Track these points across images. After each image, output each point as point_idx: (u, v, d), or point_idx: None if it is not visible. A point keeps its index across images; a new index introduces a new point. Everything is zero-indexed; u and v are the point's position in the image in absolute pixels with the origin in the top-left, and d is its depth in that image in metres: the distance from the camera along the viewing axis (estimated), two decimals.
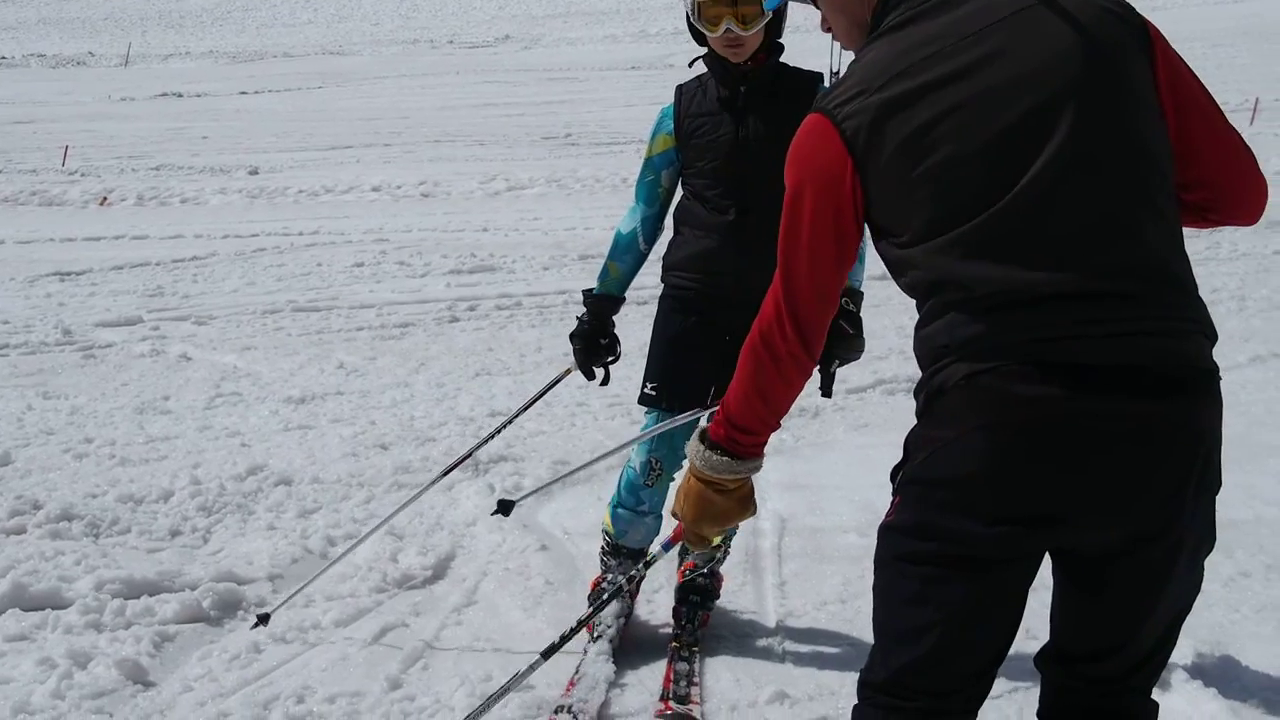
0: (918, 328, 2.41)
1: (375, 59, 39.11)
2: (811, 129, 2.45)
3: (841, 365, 4.14)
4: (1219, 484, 2.34)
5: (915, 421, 2.42)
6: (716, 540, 3.24)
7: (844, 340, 4.07)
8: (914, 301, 2.47)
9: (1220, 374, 2.32)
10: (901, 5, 2.44)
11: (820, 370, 4.14)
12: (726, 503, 2.85)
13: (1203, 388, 2.28)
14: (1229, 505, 4.88)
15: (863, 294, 4.19)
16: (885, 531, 2.44)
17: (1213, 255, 10.33)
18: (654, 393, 4.19)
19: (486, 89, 28.15)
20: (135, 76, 33.84)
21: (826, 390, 4.18)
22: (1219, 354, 2.35)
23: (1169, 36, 2.44)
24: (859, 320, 4.11)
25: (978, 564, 2.31)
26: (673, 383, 4.17)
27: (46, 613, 4.24)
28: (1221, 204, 2.47)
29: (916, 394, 2.42)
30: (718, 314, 4.07)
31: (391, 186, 15.06)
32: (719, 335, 4.05)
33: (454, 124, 21.70)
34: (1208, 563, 2.44)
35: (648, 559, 3.25)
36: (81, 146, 18.34)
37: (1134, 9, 2.41)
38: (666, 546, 3.13)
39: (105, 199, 14.39)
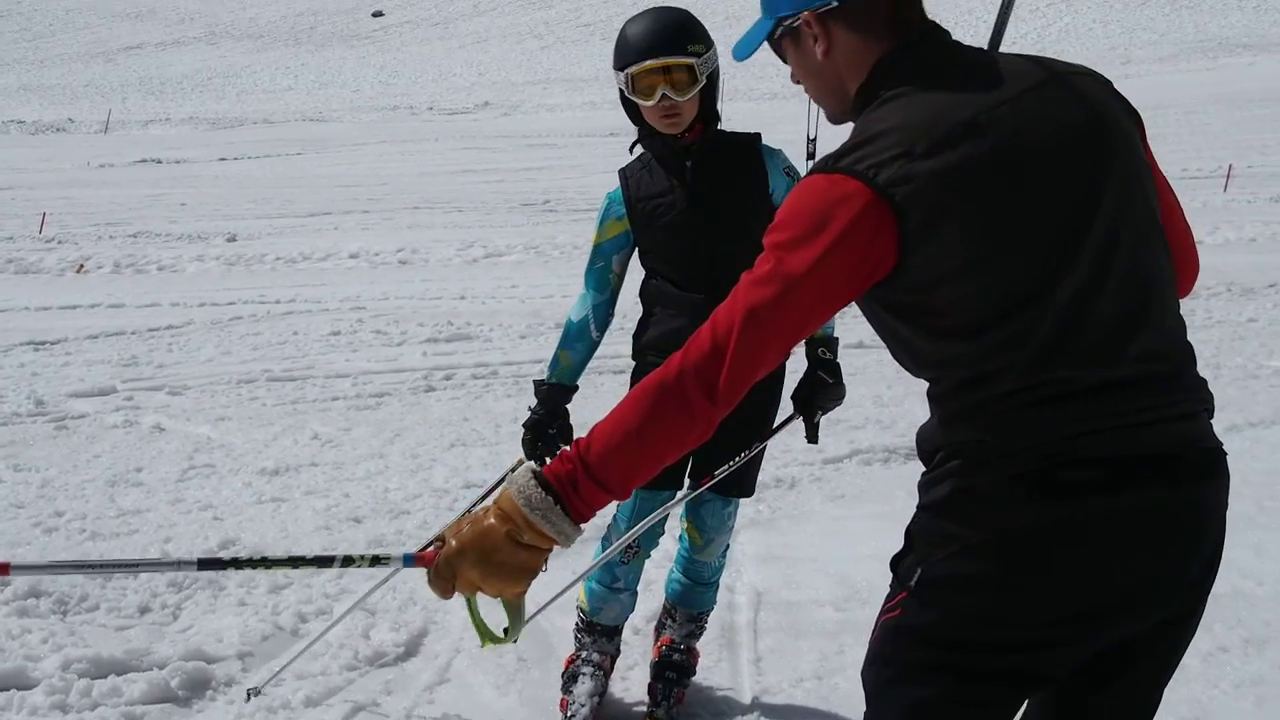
0: (940, 419, 2.31)
1: (355, 125, 39.27)
2: (835, 188, 2.22)
3: (824, 414, 4.13)
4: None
5: (924, 510, 2.32)
6: (484, 618, 2.48)
7: (825, 389, 4.07)
8: (897, 373, 2.43)
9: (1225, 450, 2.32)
10: (903, 73, 2.35)
11: (805, 421, 4.13)
12: (509, 556, 2.30)
13: (1218, 467, 2.29)
14: None
15: (837, 340, 4.19)
16: (893, 633, 2.32)
17: (1188, 323, 10.34)
18: None
19: (465, 155, 28.25)
20: (115, 143, 33.90)
21: (813, 437, 4.16)
22: None
23: (1143, 105, 2.47)
24: (838, 368, 4.10)
25: (1011, 678, 2.25)
26: None
27: (12, 693, 4.18)
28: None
29: (933, 482, 2.30)
30: None
31: (369, 253, 15.06)
32: None
33: (433, 190, 21.76)
34: None
35: (381, 556, 2.59)
36: (59, 213, 18.33)
37: (1120, 92, 2.42)
38: (408, 560, 2.47)
39: (82, 266, 14.36)
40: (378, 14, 77.84)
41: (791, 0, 2.46)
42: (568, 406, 4.28)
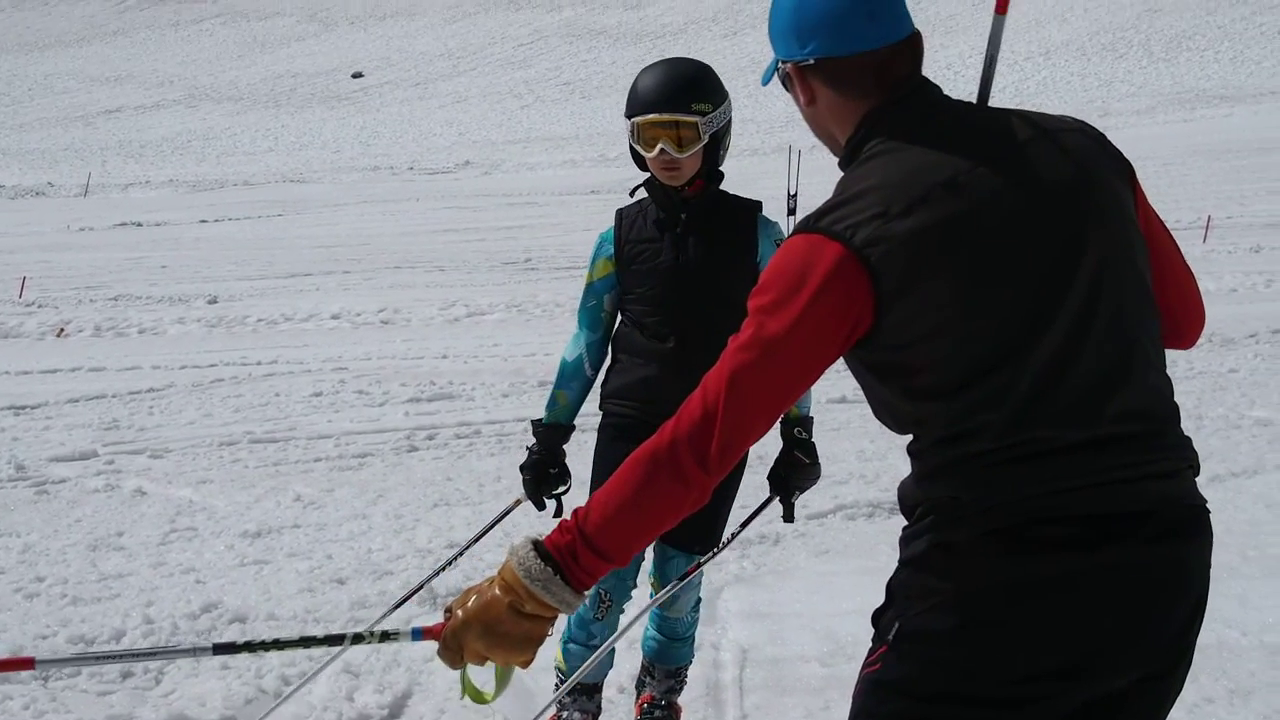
0: (918, 475, 2.32)
1: (335, 186, 39.36)
2: (813, 249, 2.25)
3: (801, 494, 4.15)
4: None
5: (904, 565, 2.34)
6: (471, 676, 2.49)
7: (801, 470, 4.10)
8: (880, 427, 2.43)
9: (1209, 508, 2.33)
10: (885, 131, 2.37)
11: (781, 500, 4.16)
12: (513, 627, 2.34)
13: (1202, 525, 2.30)
14: None
15: (812, 419, 4.22)
16: (874, 687, 2.33)
17: (1169, 374, 10.41)
18: None
19: (446, 215, 28.32)
20: (95, 206, 33.93)
21: (789, 517, 4.19)
22: None
23: None
24: (813, 447, 4.13)
25: None
26: None
27: None
28: (1170, 332, 2.49)
29: (912, 538, 2.32)
30: None
31: (351, 314, 15.07)
32: None
33: (414, 250, 21.80)
34: None
35: (390, 632, 2.59)
36: (39, 277, 18.31)
37: (1111, 143, 2.43)
38: (416, 634, 2.49)
39: (62, 330, 14.34)
40: (357, 75, 78.20)
41: (780, 46, 2.49)
42: (564, 446, 4.31)
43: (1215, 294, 14.94)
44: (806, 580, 6.00)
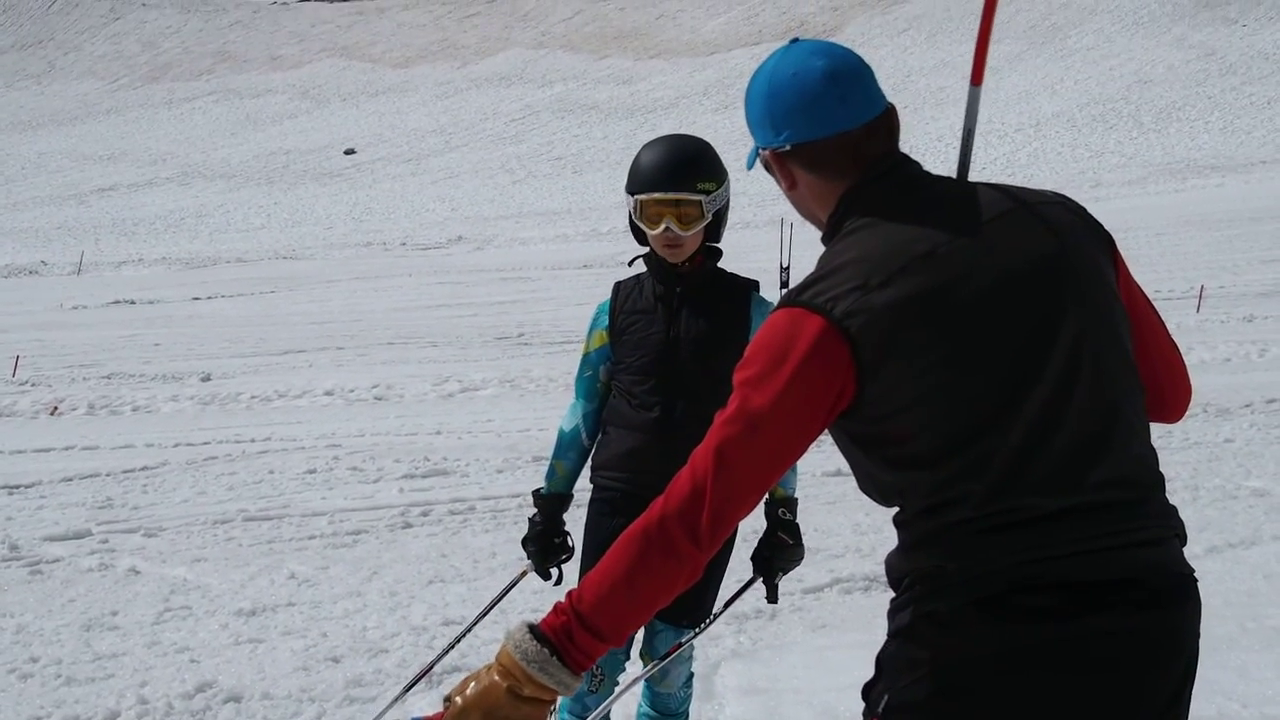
0: (904, 546, 2.34)
1: (328, 262, 39.48)
2: (795, 323, 2.28)
3: (784, 575, 4.17)
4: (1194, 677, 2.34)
5: (892, 637, 2.34)
6: None
7: (785, 551, 4.12)
8: (871, 502, 2.45)
9: (1196, 577, 2.33)
10: (864, 207, 2.39)
11: (764, 582, 4.18)
12: (512, 711, 2.36)
13: (1189, 593, 2.30)
14: (1194, 701, 4.84)
15: (796, 500, 4.24)
16: None
17: (1164, 445, 10.42)
18: None
19: (439, 290, 28.41)
20: (88, 284, 33.99)
21: (773, 598, 4.20)
22: None
23: (1113, 227, 2.50)
24: (797, 528, 4.15)
25: None
26: None
27: None
28: (1156, 405, 2.50)
29: (898, 609, 2.33)
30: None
31: (344, 390, 15.07)
32: None
33: (407, 326, 21.85)
34: None
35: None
36: (33, 356, 18.30)
37: (1089, 212, 2.46)
38: None
39: (56, 409, 14.33)
40: (350, 151, 78.68)
41: (757, 134, 2.53)
42: (564, 515, 4.33)
43: (1210, 364, 15.00)
44: (803, 655, 5.98)
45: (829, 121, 2.41)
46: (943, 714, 2.24)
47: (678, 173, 3.99)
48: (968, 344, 2.24)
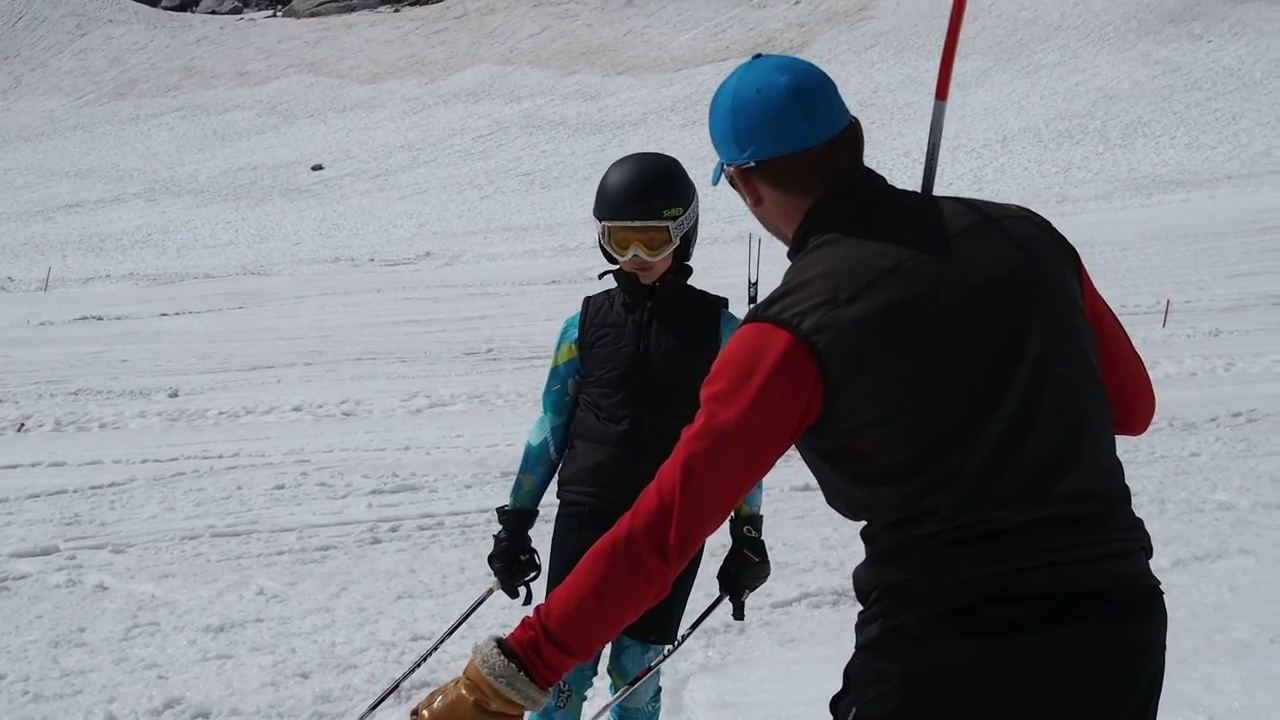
0: (871, 559, 2.35)
1: (296, 278, 39.32)
2: (761, 338, 2.29)
3: (750, 592, 4.19)
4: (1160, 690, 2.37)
5: (860, 650, 2.35)
6: None
7: (750, 569, 4.14)
8: (839, 517, 2.46)
9: (1162, 589, 2.36)
10: (829, 222, 2.40)
11: (731, 599, 4.20)
12: None
13: (1153, 605, 2.33)
14: (1161, 714, 4.88)
15: (761, 517, 4.27)
16: None
17: (1131, 459, 10.47)
18: None
19: (408, 306, 28.33)
20: (55, 301, 33.77)
21: (739, 614, 4.22)
22: None
23: (1080, 242, 2.53)
24: (762, 545, 4.18)
25: None
26: None
27: None
28: (1120, 418, 2.52)
29: (866, 622, 2.34)
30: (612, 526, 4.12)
31: (313, 406, 15.02)
32: None
33: (375, 341, 21.79)
34: None
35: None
36: None
37: (1054, 227, 2.48)
38: None
39: (23, 425, 14.24)
40: (317, 167, 78.39)
41: (722, 150, 2.54)
42: (530, 532, 4.34)
43: (1175, 378, 15.09)
44: (772, 669, 6.00)
45: (793, 138, 2.43)
46: None
47: (644, 200, 4.01)
48: (934, 359, 2.26)
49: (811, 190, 2.45)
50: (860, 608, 2.40)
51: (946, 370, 2.26)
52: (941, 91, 2.67)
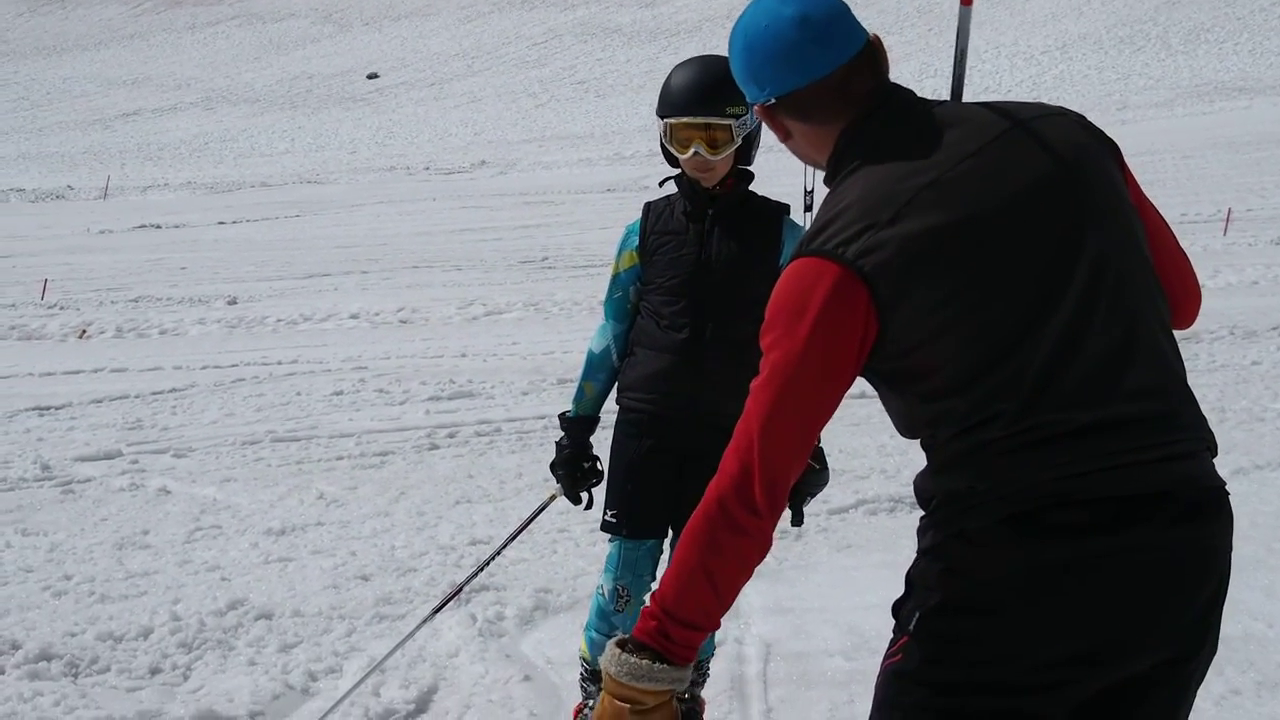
0: (933, 467, 2.33)
1: (352, 187, 39.42)
2: (808, 273, 2.27)
3: (810, 500, 4.17)
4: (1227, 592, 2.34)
5: (922, 555, 2.34)
6: None
7: (810, 475, 4.10)
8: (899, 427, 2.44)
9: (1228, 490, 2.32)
10: (859, 147, 2.37)
11: (790, 506, 4.18)
12: None
13: (1220, 506, 2.29)
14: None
15: None
16: (896, 677, 2.34)
17: (1191, 367, 10.30)
18: (614, 520, 4.26)
19: (463, 214, 28.35)
20: (114, 209, 34.05)
21: (798, 521, 4.20)
22: None
23: (1139, 150, 2.48)
24: (822, 453, 4.13)
25: (1009, 719, 2.25)
26: (631, 509, 4.22)
27: None
28: (1170, 304, 2.49)
29: (928, 528, 2.33)
30: (672, 435, 4.13)
31: (370, 313, 15.11)
32: (675, 458, 4.12)
33: (431, 250, 21.84)
34: None
35: None
36: (60, 279, 18.40)
37: (1096, 125, 2.43)
38: None
39: (84, 332, 14.42)
40: (373, 76, 78.30)
41: (745, 90, 2.53)
42: (592, 439, 4.34)
43: (1237, 286, 14.92)
44: (829, 575, 6.01)
45: (807, 68, 2.39)
46: (973, 630, 2.25)
47: (707, 96, 3.96)
48: (985, 269, 2.23)
49: (838, 117, 2.41)
50: (921, 514, 2.39)
51: (998, 280, 2.23)
52: None
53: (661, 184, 4.29)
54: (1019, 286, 2.23)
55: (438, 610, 4.78)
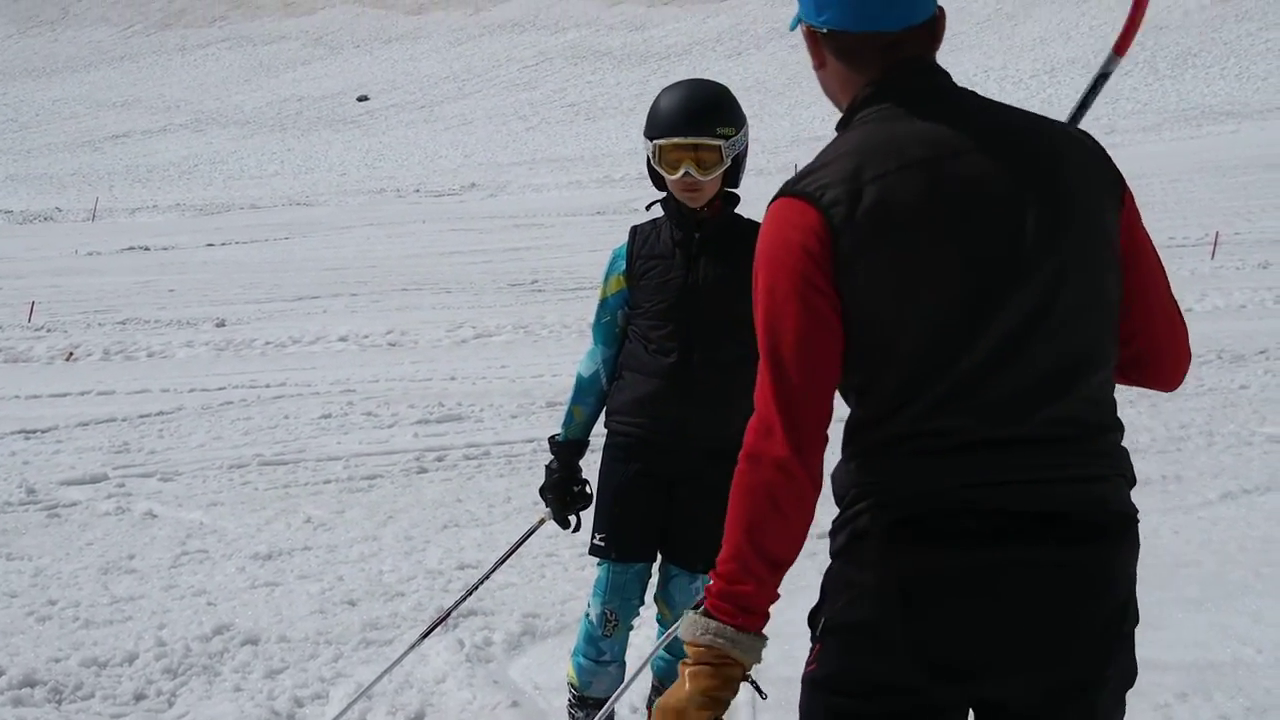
0: (846, 459, 2.33)
1: (342, 209, 39.41)
2: (788, 211, 2.29)
3: None
4: (1137, 620, 2.32)
5: (832, 559, 2.35)
6: None
7: None
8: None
9: (1139, 518, 2.31)
10: (879, 104, 2.36)
11: None
12: (707, 682, 2.35)
13: (1122, 532, 2.28)
14: (1206, 646, 4.86)
15: None
16: (810, 685, 2.36)
17: (1179, 392, 10.30)
18: (602, 543, 4.25)
19: (453, 237, 28.35)
20: (102, 231, 34.00)
21: None
22: (1192, 491, 2.38)
23: (1126, 173, 2.47)
24: None
25: (902, 717, 2.27)
26: (620, 533, 4.21)
27: None
28: (1151, 363, 2.44)
29: (834, 531, 2.34)
30: (661, 459, 4.12)
31: (359, 336, 15.08)
32: (663, 482, 4.11)
33: (421, 272, 21.83)
34: (1189, 706, 2.43)
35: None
36: (48, 302, 18.33)
37: (1109, 155, 2.42)
38: None
39: (71, 354, 14.36)
40: (363, 99, 78.40)
41: (802, 5, 2.48)
42: (581, 462, 4.33)
43: (1224, 310, 14.95)
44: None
45: (872, 18, 2.37)
46: (869, 634, 2.26)
47: (696, 117, 3.96)
48: (938, 259, 2.23)
49: (874, 68, 2.39)
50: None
51: (946, 275, 2.23)
52: (1121, 46, 2.69)
53: (648, 207, 4.28)
54: (963, 288, 2.23)
55: (425, 635, 4.76)
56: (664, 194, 4.14)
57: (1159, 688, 4.61)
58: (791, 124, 58.00)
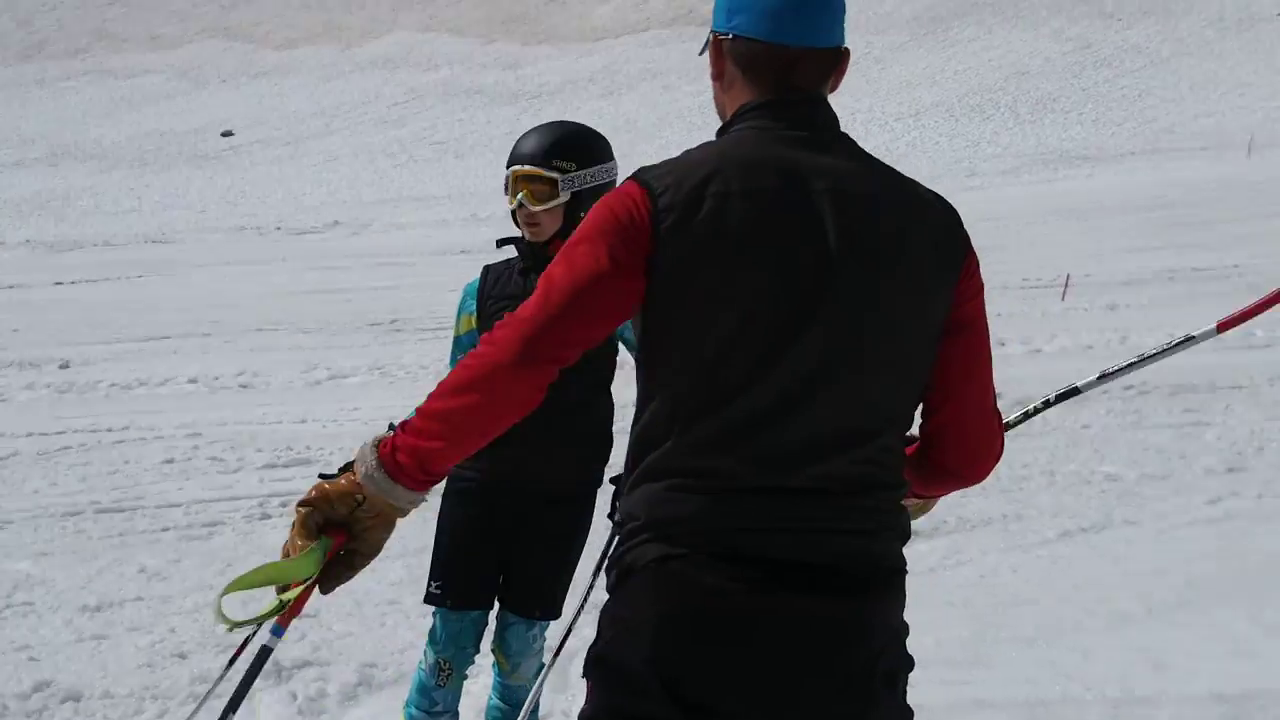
0: (628, 488, 2.36)
1: (199, 246, 38.68)
2: (629, 190, 2.36)
3: None
4: (911, 667, 2.33)
5: (608, 592, 2.39)
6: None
7: None
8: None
9: (907, 570, 2.34)
10: (758, 120, 2.39)
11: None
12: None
13: (885, 586, 2.30)
14: (1036, 684, 4.94)
15: None
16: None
17: (1025, 431, 10.55)
18: (438, 591, 4.22)
19: (313, 275, 27.97)
20: None
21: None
22: (1032, 529, 2.39)
23: (981, 216, 2.48)
24: None
25: None
26: (455, 580, 4.19)
27: None
28: (952, 445, 2.48)
29: (609, 568, 2.37)
30: (498, 504, 4.10)
31: (209, 377, 14.77)
32: (501, 528, 4.09)
33: (277, 311, 21.48)
34: None
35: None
36: None
37: (962, 222, 2.43)
38: (278, 631, 2.84)
39: None
40: (227, 134, 77.22)
41: (716, 13, 2.53)
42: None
43: (1072, 351, 15.25)
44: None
45: (777, 28, 2.40)
46: (630, 673, 2.26)
47: (537, 149, 4.06)
48: (746, 285, 2.25)
49: (767, 85, 2.43)
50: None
51: (751, 307, 2.25)
52: (1224, 327, 2.92)
53: (500, 244, 4.32)
54: (764, 327, 2.24)
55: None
56: (521, 232, 4.17)
57: None
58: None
